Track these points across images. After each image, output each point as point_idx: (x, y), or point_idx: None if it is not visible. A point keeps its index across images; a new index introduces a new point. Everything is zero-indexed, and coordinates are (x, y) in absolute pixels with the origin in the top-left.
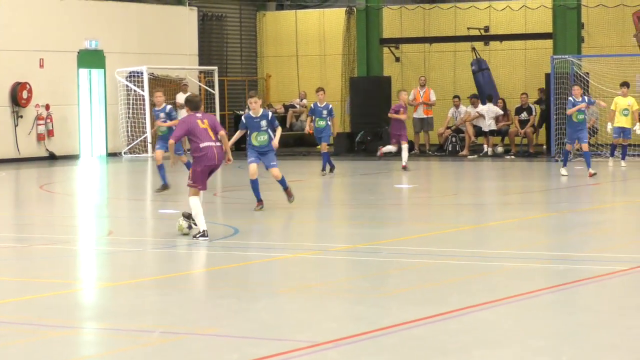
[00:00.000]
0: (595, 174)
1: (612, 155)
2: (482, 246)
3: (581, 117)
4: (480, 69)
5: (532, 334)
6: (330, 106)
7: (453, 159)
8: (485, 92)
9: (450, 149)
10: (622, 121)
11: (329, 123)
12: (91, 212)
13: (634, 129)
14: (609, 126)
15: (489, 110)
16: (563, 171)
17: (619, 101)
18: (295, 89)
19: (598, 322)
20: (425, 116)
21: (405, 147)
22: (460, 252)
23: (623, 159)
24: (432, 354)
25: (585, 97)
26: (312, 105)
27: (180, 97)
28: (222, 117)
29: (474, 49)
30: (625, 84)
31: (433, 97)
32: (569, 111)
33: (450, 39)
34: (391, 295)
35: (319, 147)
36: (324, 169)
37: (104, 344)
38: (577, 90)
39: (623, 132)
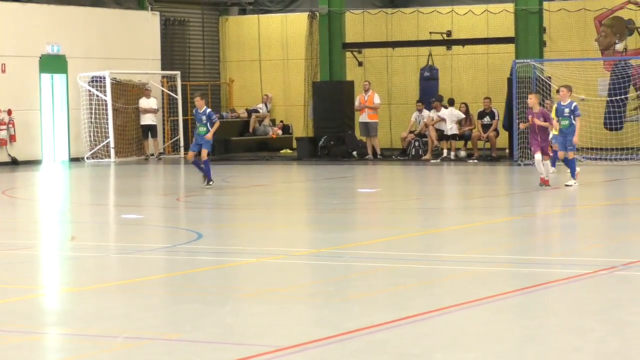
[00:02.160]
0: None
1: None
2: (445, 250)
3: (565, 122)
4: (433, 77)
5: (495, 338)
6: (209, 111)
7: (416, 163)
8: (427, 99)
9: (413, 153)
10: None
11: (209, 128)
12: (54, 217)
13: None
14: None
15: (451, 114)
16: (570, 182)
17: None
18: (258, 94)
19: (561, 325)
20: (369, 120)
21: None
22: (424, 255)
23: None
24: (395, 358)
25: (573, 103)
26: (194, 111)
27: (144, 102)
28: (185, 122)
29: (430, 55)
30: (560, 91)
31: (377, 101)
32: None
33: (412, 44)
34: (355, 299)
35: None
36: (210, 180)
37: (67, 349)
38: (563, 92)
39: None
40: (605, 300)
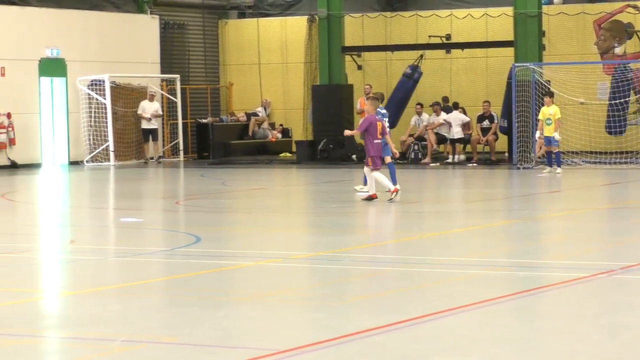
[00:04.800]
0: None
1: (548, 164)
2: (444, 253)
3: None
4: (412, 77)
5: (493, 341)
6: None
7: (415, 167)
8: (397, 96)
9: (412, 156)
10: (546, 130)
11: None
12: (53, 220)
13: (553, 136)
14: (537, 134)
15: (456, 117)
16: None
17: (544, 111)
18: (257, 97)
19: (559, 328)
20: None
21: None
22: (422, 259)
23: (553, 165)
24: None
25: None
26: None
27: (147, 105)
28: (184, 125)
29: (421, 57)
30: (548, 94)
31: None
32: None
33: (411, 47)
34: (352, 303)
35: None
36: None
37: (65, 352)
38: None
39: (550, 140)
40: (604, 304)
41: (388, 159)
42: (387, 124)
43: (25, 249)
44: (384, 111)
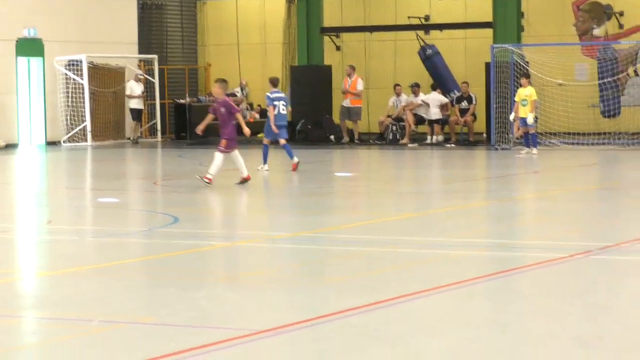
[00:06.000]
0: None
1: (526, 145)
2: (421, 234)
3: (284, 111)
4: (436, 53)
5: (469, 322)
6: None
7: (394, 148)
8: (443, 75)
9: (390, 137)
10: (521, 111)
11: None
12: (30, 201)
13: (527, 117)
14: (512, 116)
15: (435, 98)
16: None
17: (520, 92)
18: (235, 78)
19: (537, 309)
20: (351, 105)
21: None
22: (400, 240)
23: (530, 146)
24: (369, 342)
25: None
26: None
27: (134, 86)
28: (162, 105)
29: (418, 36)
30: (524, 75)
31: (360, 87)
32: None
33: (390, 28)
34: (330, 284)
35: None
36: None
37: (42, 332)
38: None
39: (525, 121)
40: (582, 284)
41: (283, 141)
42: (284, 107)
43: (2, 230)
44: (282, 95)
